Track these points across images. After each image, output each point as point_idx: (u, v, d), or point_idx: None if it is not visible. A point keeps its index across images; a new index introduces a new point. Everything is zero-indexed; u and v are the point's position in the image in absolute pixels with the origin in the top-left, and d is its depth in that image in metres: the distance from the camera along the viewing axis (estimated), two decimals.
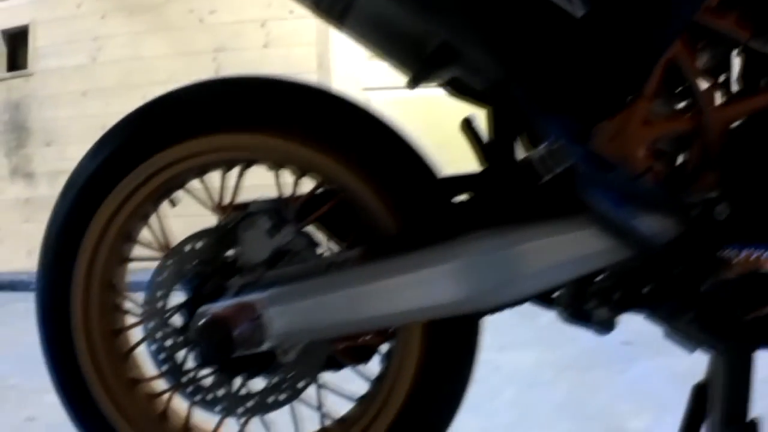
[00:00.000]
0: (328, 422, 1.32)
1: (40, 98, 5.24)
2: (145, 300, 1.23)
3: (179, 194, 1.31)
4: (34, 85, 5.26)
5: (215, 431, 1.30)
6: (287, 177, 1.24)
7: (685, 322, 1.16)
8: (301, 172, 1.26)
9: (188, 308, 1.22)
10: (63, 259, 1.28)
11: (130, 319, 1.32)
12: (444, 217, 1.21)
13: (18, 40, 5.47)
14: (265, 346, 1.12)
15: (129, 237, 1.30)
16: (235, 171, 1.30)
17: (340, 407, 1.31)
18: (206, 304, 1.15)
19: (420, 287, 1.11)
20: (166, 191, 1.29)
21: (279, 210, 1.21)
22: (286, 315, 1.12)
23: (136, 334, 1.31)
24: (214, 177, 1.29)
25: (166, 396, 1.31)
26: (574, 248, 1.12)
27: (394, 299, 1.12)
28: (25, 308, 4.21)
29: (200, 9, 4.98)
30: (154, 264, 1.27)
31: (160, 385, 1.31)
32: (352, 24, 1.26)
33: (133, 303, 1.31)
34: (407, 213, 1.20)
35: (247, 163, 1.28)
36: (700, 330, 1.16)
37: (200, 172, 1.28)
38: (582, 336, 1.30)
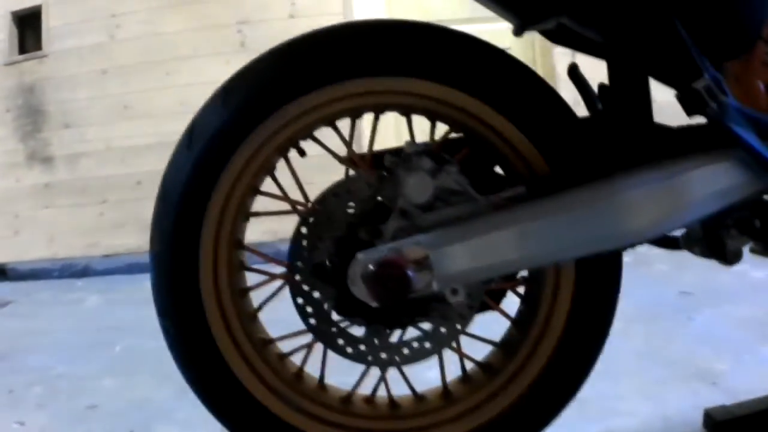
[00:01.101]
0: (470, 368, 1.37)
1: (56, 80, 5.13)
2: (290, 252, 1.25)
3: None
4: (50, 67, 5.15)
5: (358, 383, 1.35)
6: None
7: None
8: (434, 117, 1.31)
9: (338, 256, 1.25)
10: (189, 217, 1.23)
11: (255, 278, 1.34)
12: (591, 156, 1.24)
13: (27, 22, 5.35)
14: (433, 288, 1.18)
15: (255, 190, 1.30)
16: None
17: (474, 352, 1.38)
18: (364, 251, 1.19)
19: (585, 222, 1.17)
20: (294, 141, 1.29)
21: (437, 151, 1.25)
22: (453, 256, 1.18)
23: (260, 293, 1.33)
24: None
25: (298, 355, 1.34)
26: (724, 179, 1.18)
27: (560, 235, 1.18)
28: (50, 297, 4.20)
29: None
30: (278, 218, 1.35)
31: (287, 345, 1.35)
32: None
33: (263, 259, 1.35)
34: (555, 153, 1.24)
35: (382, 109, 1.31)
36: None
37: (331, 120, 1.29)
38: (634, 291, 1.47)
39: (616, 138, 1.26)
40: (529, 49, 5.18)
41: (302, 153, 1.33)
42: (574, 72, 1.34)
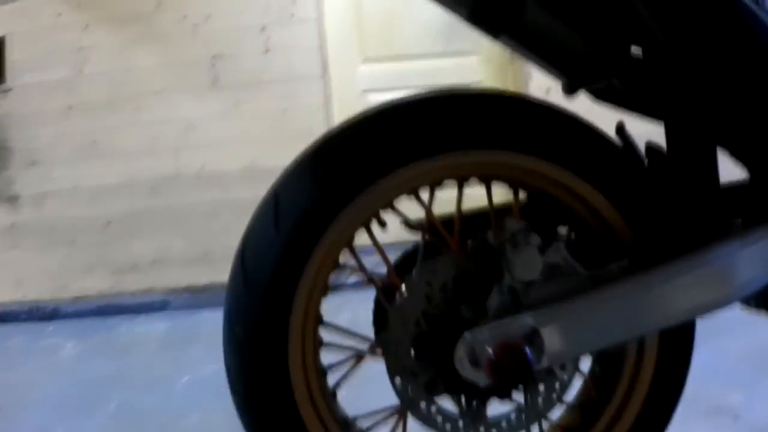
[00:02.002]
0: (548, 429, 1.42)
1: (20, 116, 5.04)
2: (390, 329, 1.27)
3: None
4: (14, 102, 5.06)
5: None
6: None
7: None
8: (517, 187, 1.34)
9: (437, 334, 1.26)
10: (280, 303, 1.22)
11: (335, 355, 1.35)
12: (678, 223, 1.31)
13: None
14: (543, 365, 1.22)
15: (337, 264, 1.31)
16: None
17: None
18: (472, 330, 1.21)
19: (689, 291, 1.27)
20: (378, 212, 1.31)
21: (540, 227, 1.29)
22: (564, 332, 1.22)
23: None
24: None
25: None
26: None
27: (665, 305, 1.27)
28: (22, 343, 4.12)
29: (193, 15, 4.84)
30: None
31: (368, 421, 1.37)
32: (511, 37, 1.37)
33: (348, 336, 1.34)
34: (641, 222, 1.31)
35: (467, 179, 1.33)
36: None
37: (414, 190, 1.31)
38: None
39: (687, 203, 1.32)
40: (500, 82, 5.23)
41: (383, 224, 1.33)
42: (621, 131, 1.37)
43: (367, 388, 1.38)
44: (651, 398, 1.39)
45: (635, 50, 1.37)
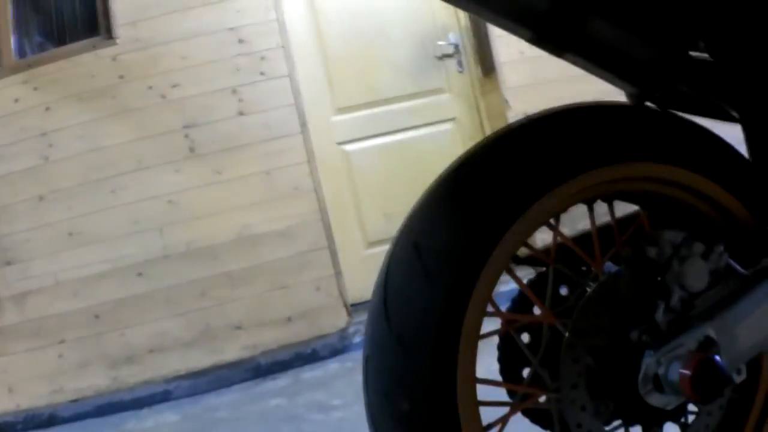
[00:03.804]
0: None
1: None
2: (562, 370, 1.24)
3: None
4: None
5: None
6: None
7: None
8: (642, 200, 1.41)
9: (616, 366, 1.25)
10: (445, 362, 1.17)
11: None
12: None
13: None
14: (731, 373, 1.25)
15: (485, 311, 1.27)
16: None
17: None
18: (651, 354, 1.22)
19: None
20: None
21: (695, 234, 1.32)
22: (738, 336, 1.25)
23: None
24: None
25: None
26: None
27: None
28: None
29: (160, 85, 4.75)
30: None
31: None
32: (576, 53, 1.43)
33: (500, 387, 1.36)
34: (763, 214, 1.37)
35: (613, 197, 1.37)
36: None
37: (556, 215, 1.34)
38: None
39: None
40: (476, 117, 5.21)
41: (520, 261, 1.36)
42: None
43: None
44: None
45: (698, 53, 1.44)
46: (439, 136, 5.36)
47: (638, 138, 1.31)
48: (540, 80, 5.07)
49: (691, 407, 1.36)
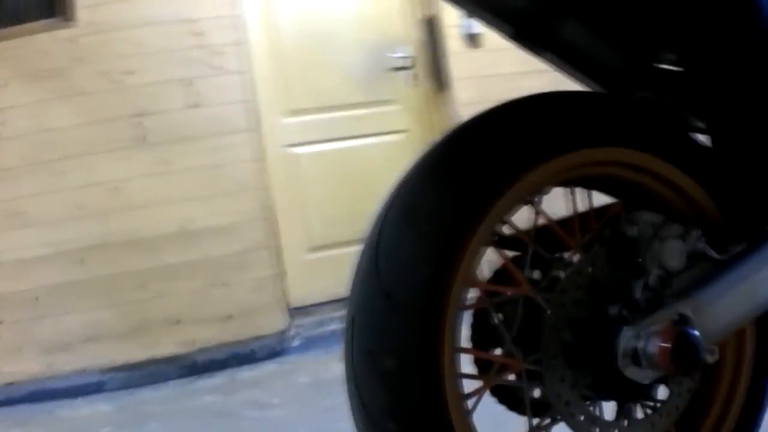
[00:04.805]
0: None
1: None
2: (544, 341, 1.32)
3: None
4: None
5: None
6: None
7: None
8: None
9: (594, 339, 1.32)
10: (432, 319, 1.22)
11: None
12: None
13: None
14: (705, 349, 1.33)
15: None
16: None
17: None
18: (630, 327, 1.30)
19: None
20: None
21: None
22: (712, 315, 1.35)
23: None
24: None
25: None
26: None
27: None
28: None
29: (114, 71, 4.74)
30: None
31: None
32: (554, 54, 1.55)
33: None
34: (727, 204, 1.46)
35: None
36: None
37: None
38: None
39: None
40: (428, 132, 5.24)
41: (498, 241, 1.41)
42: None
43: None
44: (753, 383, 1.53)
45: (667, 63, 1.52)
46: (389, 146, 5.38)
47: (615, 124, 1.40)
48: (491, 98, 5.09)
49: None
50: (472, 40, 5.37)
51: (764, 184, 1.45)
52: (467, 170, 1.28)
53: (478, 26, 5.23)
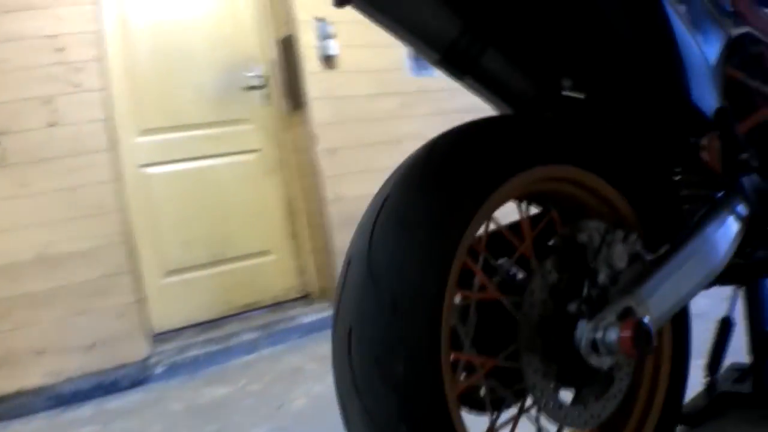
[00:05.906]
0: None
1: None
2: (522, 337, 1.48)
3: None
4: None
5: None
6: None
7: None
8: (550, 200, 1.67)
9: (560, 333, 1.50)
10: (433, 321, 1.30)
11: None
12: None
13: None
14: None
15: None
16: None
17: None
18: (589, 321, 1.48)
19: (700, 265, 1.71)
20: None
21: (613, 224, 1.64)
22: (654, 305, 1.55)
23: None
24: None
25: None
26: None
27: (691, 278, 1.68)
28: None
29: None
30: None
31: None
32: (473, 78, 1.70)
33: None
34: (647, 215, 1.71)
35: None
36: None
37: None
38: None
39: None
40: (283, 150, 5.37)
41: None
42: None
43: None
44: (674, 379, 1.80)
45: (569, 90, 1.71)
46: (242, 166, 5.49)
47: (562, 143, 1.59)
48: (346, 118, 5.42)
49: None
50: (329, 61, 5.56)
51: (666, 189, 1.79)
52: (457, 183, 1.38)
53: (334, 48, 5.51)
